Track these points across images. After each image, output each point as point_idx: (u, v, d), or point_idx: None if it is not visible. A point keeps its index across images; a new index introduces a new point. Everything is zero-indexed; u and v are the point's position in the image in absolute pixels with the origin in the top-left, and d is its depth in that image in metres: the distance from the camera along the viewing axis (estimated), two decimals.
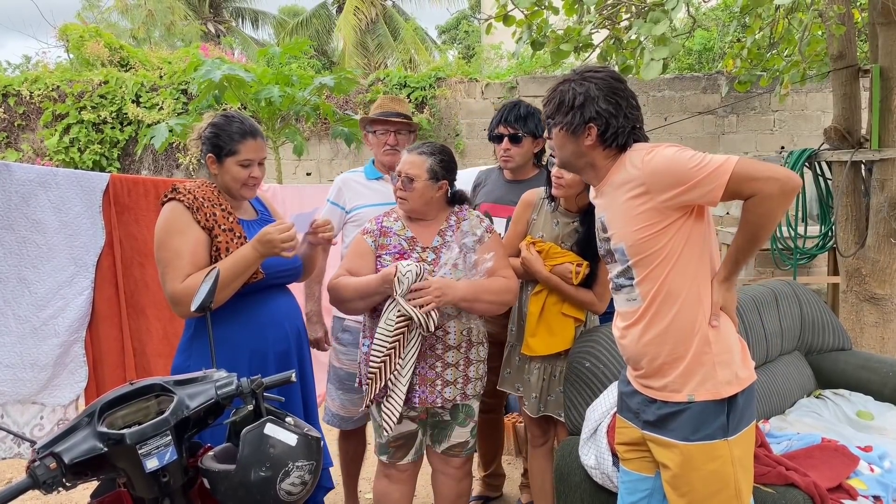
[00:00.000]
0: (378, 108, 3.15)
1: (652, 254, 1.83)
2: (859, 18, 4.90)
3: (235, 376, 1.71)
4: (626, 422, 2.04)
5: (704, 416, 1.81)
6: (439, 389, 2.46)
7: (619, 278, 1.95)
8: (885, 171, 4.06)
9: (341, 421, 3.13)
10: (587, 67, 1.98)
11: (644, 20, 3.46)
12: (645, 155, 1.82)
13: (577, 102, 1.87)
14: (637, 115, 1.91)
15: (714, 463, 1.81)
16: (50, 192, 2.92)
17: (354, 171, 3.22)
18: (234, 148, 2.31)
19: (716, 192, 1.72)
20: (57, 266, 2.96)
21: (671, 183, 1.76)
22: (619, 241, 1.89)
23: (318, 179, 8.57)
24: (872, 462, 2.54)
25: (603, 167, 1.92)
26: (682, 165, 1.74)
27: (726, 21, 8.20)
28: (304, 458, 1.65)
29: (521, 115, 2.99)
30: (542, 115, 2.02)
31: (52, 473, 1.45)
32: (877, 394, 3.16)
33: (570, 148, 1.94)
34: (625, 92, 1.89)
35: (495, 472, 3.50)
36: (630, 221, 1.84)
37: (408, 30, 17.96)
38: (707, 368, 1.82)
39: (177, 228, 2.22)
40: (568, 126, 1.90)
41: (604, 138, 1.87)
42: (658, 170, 1.78)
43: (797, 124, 8.15)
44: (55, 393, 3.01)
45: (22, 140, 8.30)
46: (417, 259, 2.47)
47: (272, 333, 2.35)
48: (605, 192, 1.94)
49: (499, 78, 8.65)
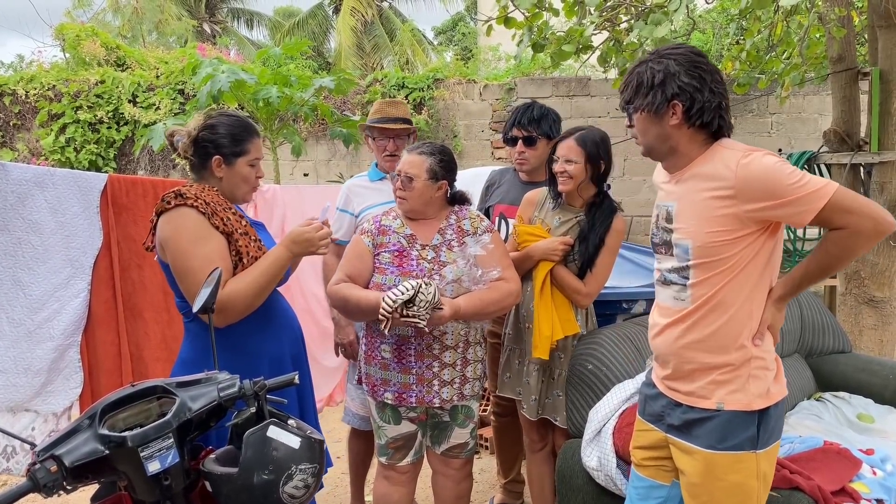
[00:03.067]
0: (377, 112, 3.12)
1: (718, 260, 1.75)
2: (858, 21, 4.90)
3: (238, 378, 1.69)
4: (646, 424, 1.99)
5: (733, 425, 1.77)
6: (436, 389, 2.46)
7: (671, 273, 1.87)
8: (885, 174, 4.06)
9: (361, 421, 3.09)
10: (662, 47, 1.84)
11: (644, 22, 3.46)
12: (742, 157, 1.71)
13: (657, 80, 1.75)
14: (723, 90, 1.78)
15: (738, 475, 1.77)
16: (47, 193, 2.88)
17: (359, 176, 3.21)
18: (245, 147, 2.20)
19: (806, 215, 1.65)
20: (53, 268, 2.91)
21: (763, 195, 1.67)
22: (686, 238, 1.80)
23: (315, 180, 8.55)
24: (875, 465, 2.53)
25: (687, 152, 1.81)
26: (781, 180, 1.65)
27: (723, 24, 8.21)
28: (307, 461, 1.63)
29: (535, 118, 2.97)
30: (620, 102, 1.91)
31: (52, 476, 1.44)
32: (877, 396, 3.16)
33: (653, 131, 1.82)
34: (707, 66, 1.76)
35: (516, 478, 3.44)
36: (705, 221, 1.75)
37: (404, 31, 17.96)
38: (741, 380, 1.77)
39: (199, 235, 2.07)
40: (650, 107, 1.78)
41: (689, 115, 1.75)
42: (753, 177, 1.68)
43: (794, 127, 8.17)
44: (49, 400, 2.95)
45: (17, 139, 8.25)
46: (416, 257, 2.46)
47: (287, 336, 2.32)
48: (685, 181, 1.82)
49: (497, 79, 8.64)
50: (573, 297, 2.69)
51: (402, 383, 2.46)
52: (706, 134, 1.79)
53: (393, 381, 2.47)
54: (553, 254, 2.64)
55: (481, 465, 3.94)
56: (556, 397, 2.74)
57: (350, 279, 2.49)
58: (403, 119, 3.09)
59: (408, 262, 2.46)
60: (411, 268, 2.45)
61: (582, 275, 2.66)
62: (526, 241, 2.72)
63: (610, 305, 3.26)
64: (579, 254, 2.65)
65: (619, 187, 8.08)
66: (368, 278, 2.49)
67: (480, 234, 2.55)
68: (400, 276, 2.42)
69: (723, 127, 1.79)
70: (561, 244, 2.64)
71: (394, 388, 2.47)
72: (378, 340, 2.49)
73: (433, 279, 2.36)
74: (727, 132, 1.82)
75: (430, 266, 2.44)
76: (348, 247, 2.61)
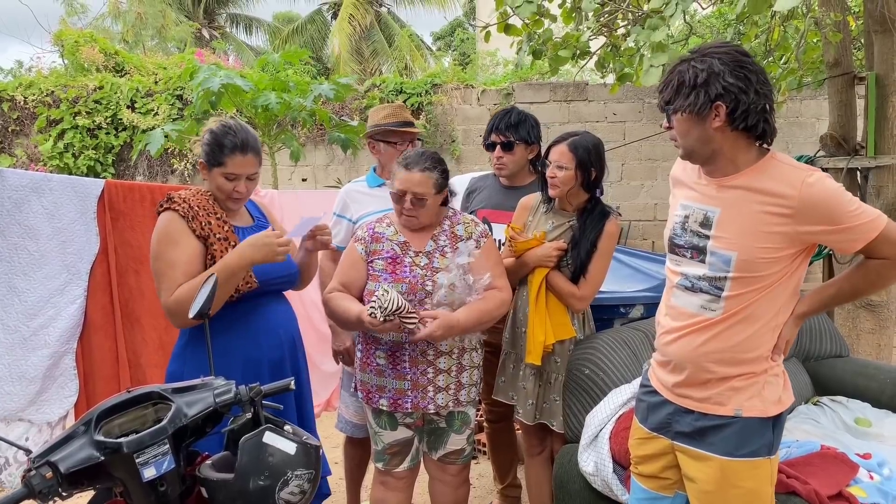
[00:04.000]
0: (389, 117, 3.06)
1: (759, 276, 1.72)
2: (854, 26, 4.92)
3: (234, 384, 1.69)
4: (647, 433, 1.95)
5: (751, 431, 1.75)
6: (431, 395, 2.46)
7: (701, 281, 1.80)
8: (881, 178, 4.07)
9: (354, 428, 3.10)
10: (706, 45, 1.76)
11: (642, 27, 3.47)
12: (807, 177, 1.65)
13: (700, 80, 1.67)
14: (768, 91, 1.70)
15: (754, 481, 1.76)
16: (44, 198, 2.87)
17: (356, 181, 3.19)
18: (221, 160, 2.26)
19: (857, 243, 1.64)
20: (49, 274, 2.89)
21: (823, 218, 1.64)
22: (730, 249, 1.73)
23: (313, 185, 8.56)
24: (872, 469, 2.53)
25: (732, 157, 1.74)
26: (843, 207, 1.63)
27: (721, 29, 8.23)
28: (302, 467, 1.63)
29: (513, 123, 2.97)
30: (659, 102, 1.82)
31: (47, 483, 1.44)
32: (874, 401, 3.16)
33: (695, 133, 1.73)
34: (753, 66, 1.68)
35: (513, 483, 3.44)
36: (756, 236, 1.69)
37: (403, 36, 18.00)
38: (757, 387, 1.77)
39: (172, 238, 2.19)
40: (692, 108, 1.69)
41: (733, 118, 1.67)
42: (817, 200, 1.63)
43: (792, 131, 8.18)
44: (43, 408, 2.91)
45: (16, 145, 8.26)
46: (410, 263, 2.45)
47: (266, 341, 2.33)
48: (735, 189, 1.75)
49: (494, 84, 8.66)
50: (568, 302, 2.69)
51: (396, 389, 2.46)
52: (751, 138, 1.73)
53: (388, 388, 2.47)
54: (548, 260, 2.65)
55: (479, 469, 3.93)
56: (553, 402, 2.74)
57: (344, 287, 2.50)
58: (412, 124, 3.10)
59: (401, 268, 2.45)
60: (404, 274, 2.43)
61: (576, 279, 2.66)
62: (521, 251, 2.72)
63: (607, 310, 3.26)
64: (572, 258, 2.66)
65: (617, 192, 8.09)
66: (362, 286, 2.49)
67: (476, 238, 2.54)
68: (393, 283, 2.41)
69: (767, 131, 1.72)
70: (555, 250, 2.64)
71: (389, 395, 2.47)
72: (373, 347, 2.49)
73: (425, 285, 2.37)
74: (771, 137, 1.76)
75: (423, 273, 2.44)
76: (343, 254, 2.61)
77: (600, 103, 8.28)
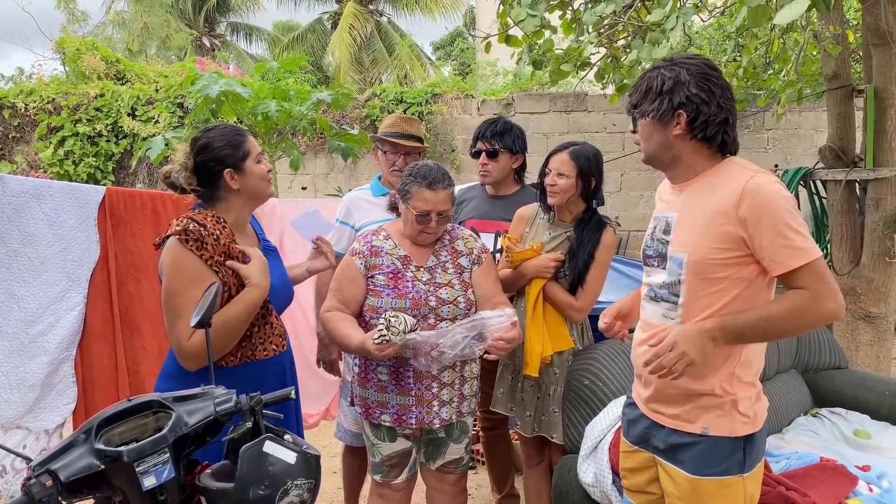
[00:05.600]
0: (391, 126, 3.10)
1: (710, 279, 1.71)
2: (853, 39, 4.95)
3: (234, 393, 1.69)
4: (631, 446, 1.97)
5: (719, 451, 1.74)
6: (436, 410, 2.44)
7: (661, 289, 1.82)
8: (880, 191, 4.08)
9: (353, 437, 3.11)
10: (679, 55, 1.81)
11: (642, 40, 3.49)
12: (754, 176, 1.68)
13: (667, 87, 1.73)
14: (732, 106, 1.75)
15: (726, 499, 1.74)
16: (44, 205, 2.85)
17: (361, 189, 3.21)
18: (246, 148, 2.15)
19: (786, 263, 1.61)
20: (48, 280, 2.87)
21: (759, 220, 1.64)
22: (682, 251, 1.75)
23: (313, 193, 8.58)
24: (871, 482, 2.53)
25: (692, 164, 1.78)
26: (782, 216, 1.61)
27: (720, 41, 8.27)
28: (302, 477, 1.63)
29: (498, 132, 3.04)
30: (627, 106, 1.89)
31: (47, 491, 1.43)
32: (873, 412, 3.16)
33: (657, 138, 1.79)
34: (719, 80, 1.73)
35: (510, 493, 3.44)
36: (706, 236, 1.71)
37: (403, 46, 18.08)
38: (727, 406, 1.74)
39: (192, 277, 2.02)
40: (655, 113, 1.75)
41: (693, 127, 1.72)
42: (759, 201, 1.64)
43: (791, 143, 8.22)
44: (41, 416, 2.88)
45: (16, 152, 8.27)
46: (412, 278, 2.42)
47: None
48: (689, 192, 1.79)
49: (494, 94, 8.70)
50: (567, 313, 2.70)
51: (400, 405, 2.43)
52: (711, 148, 1.76)
53: (391, 404, 2.44)
54: (545, 271, 2.66)
55: (477, 480, 3.93)
56: (552, 414, 2.74)
57: (344, 304, 2.45)
58: (417, 137, 3.10)
59: (403, 283, 2.41)
60: (407, 289, 2.40)
61: (573, 290, 2.67)
62: (518, 262, 2.73)
63: None
64: (569, 269, 2.66)
65: (616, 202, 8.11)
66: (362, 302, 2.45)
67: (476, 255, 2.53)
68: (396, 298, 2.38)
69: (727, 142, 1.76)
70: (552, 261, 2.65)
71: (392, 411, 2.44)
72: (374, 363, 2.44)
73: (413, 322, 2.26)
74: (733, 149, 1.79)
75: (426, 288, 2.40)
76: (339, 270, 2.52)
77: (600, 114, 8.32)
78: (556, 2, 3.78)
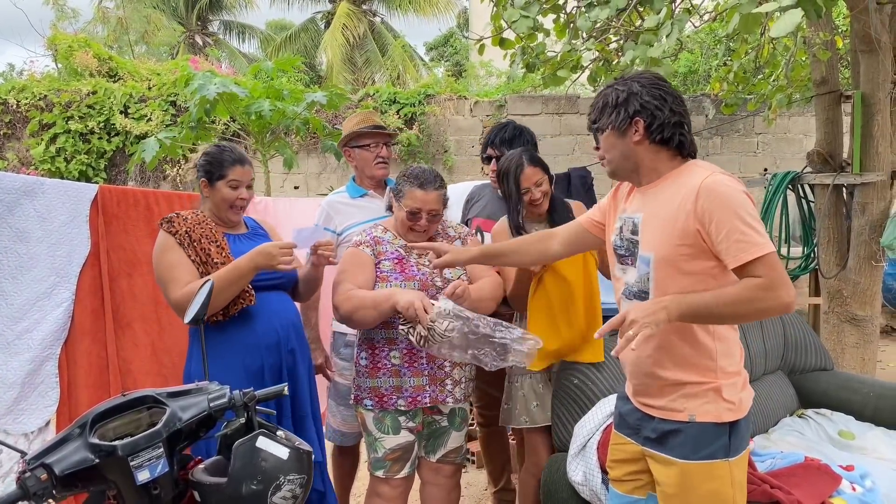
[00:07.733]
0: (361, 122, 3.18)
1: (677, 276, 1.78)
2: (842, 45, 5.01)
3: (228, 389, 1.71)
4: (623, 437, 2.02)
5: (705, 436, 1.81)
6: (449, 389, 2.55)
7: (633, 287, 1.90)
8: (867, 195, 4.13)
9: (342, 437, 3.15)
10: (627, 74, 1.98)
11: (635, 42, 3.52)
12: (712, 174, 1.76)
13: (621, 99, 1.85)
14: (683, 111, 1.86)
15: (713, 483, 1.81)
16: (36, 202, 2.81)
17: (337, 192, 3.26)
18: (223, 172, 2.48)
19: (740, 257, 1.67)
20: (37, 276, 2.82)
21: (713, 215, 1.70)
22: (649, 250, 1.83)
23: (305, 193, 8.58)
24: (854, 481, 2.57)
25: (653, 167, 1.87)
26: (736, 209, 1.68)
27: (711, 45, 8.34)
28: (295, 472, 1.65)
29: (507, 138, 3.12)
30: (588, 123, 2.02)
31: (42, 485, 1.45)
32: (858, 414, 3.20)
33: (618, 148, 1.89)
34: (669, 88, 1.86)
35: (506, 487, 3.47)
36: (669, 234, 1.78)
37: (396, 46, 18.06)
38: (711, 394, 1.81)
39: (164, 248, 2.41)
40: (613, 124, 1.87)
41: (650, 131, 1.83)
42: (713, 196, 1.71)
43: (780, 147, 8.29)
44: (20, 419, 2.77)
45: (7, 149, 8.24)
46: (416, 262, 2.55)
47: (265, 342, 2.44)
48: (653, 193, 1.87)
49: (487, 96, 8.73)
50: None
51: (414, 386, 2.51)
52: (670, 151, 1.85)
53: (405, 386, 2.51)
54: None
55: (468, 479, 3.95)
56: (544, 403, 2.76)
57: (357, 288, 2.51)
58: (382, 126, 3.21)
59: (409, 267, 2.54)
60: (413, 272, 2.52)
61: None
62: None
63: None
64: None
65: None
66: (372, 287, 2.52)
67: (464, 237, 2.69)
68: (404, 281, 2.50)
69: (684, 143, 1.85)
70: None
71: (407, 394, 2.51)
72: (385, 349, 2.52)
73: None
74: (691, 150, 1.88)
75: (430, 271, 2.52)
76: (346, 259, 2.59)
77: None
78: (550, 5, 3.80)
